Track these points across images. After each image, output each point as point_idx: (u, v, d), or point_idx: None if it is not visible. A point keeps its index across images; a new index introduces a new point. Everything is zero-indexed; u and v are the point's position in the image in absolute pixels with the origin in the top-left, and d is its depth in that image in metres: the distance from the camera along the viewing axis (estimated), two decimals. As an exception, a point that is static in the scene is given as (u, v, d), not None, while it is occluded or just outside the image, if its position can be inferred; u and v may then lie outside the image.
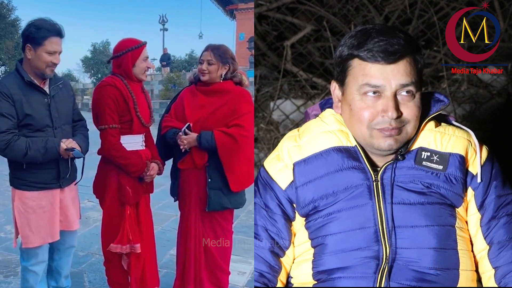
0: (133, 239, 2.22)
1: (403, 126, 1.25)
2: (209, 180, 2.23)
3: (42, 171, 2.03)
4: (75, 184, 2.22)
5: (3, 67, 24.25)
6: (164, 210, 2.33)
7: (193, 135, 2.20)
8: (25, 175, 2.02)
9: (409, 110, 1.25)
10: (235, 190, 2.25)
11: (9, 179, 2.10)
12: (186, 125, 2.22)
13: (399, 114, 1.23)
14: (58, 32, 2.01)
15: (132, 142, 2.23)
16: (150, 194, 2.40)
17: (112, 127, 2.15)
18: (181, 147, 2.22)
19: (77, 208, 2.25)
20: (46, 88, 2.06)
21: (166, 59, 19.15)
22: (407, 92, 1.24)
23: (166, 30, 26.40)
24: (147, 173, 2.22)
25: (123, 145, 2.18)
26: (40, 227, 2.05)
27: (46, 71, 2.01)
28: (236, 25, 22.87)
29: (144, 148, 2.30)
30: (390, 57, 1.22)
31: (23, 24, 23.77)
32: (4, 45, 22.24)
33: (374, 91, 1.24)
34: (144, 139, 2.31)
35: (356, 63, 1.26)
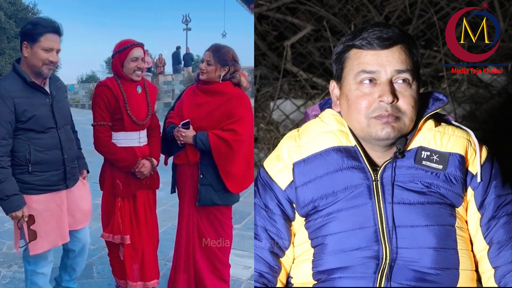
0: (123, 230, 2.28)
1: (400, 117, 1.25)
2: (201, 176, 2.27)
3: (48, 173, 1.98)
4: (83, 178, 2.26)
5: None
6: (176, 207, 2.40)
7: (191, 132, 2.24)
8: (32, 179, 1.95)
9: (405, 99, 1.25)
10: (234, 191, 2.30)
11: None
12: (185, 121, 2.26)
13: (395, 100, 1.24)
14: (55, 29, 1.94)
15: (127, 139, 2.28)
16: (163, 192, 2.46)
17: (100, 124, 2.23)
18: (178, 140, 2.27)
19: (89, 205, 2.24)
20: (47, 88, 2.00)
21: (188, 59, 19.13)
22: (403, 80, 1.25)
23: (190, 29, 26.30)
24: (136, 170, 2.26)
25: (117, 141, 2.27)
26: (48, 231, 2.00)
27: (43, 70, 1.93)
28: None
29: (141, 145, 2.33)
30: (384, 43, 1.24)
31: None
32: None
33: (370, 78, 1.25)
34: (141, 136, 2.34)
35: (352, 53, 1.29)
